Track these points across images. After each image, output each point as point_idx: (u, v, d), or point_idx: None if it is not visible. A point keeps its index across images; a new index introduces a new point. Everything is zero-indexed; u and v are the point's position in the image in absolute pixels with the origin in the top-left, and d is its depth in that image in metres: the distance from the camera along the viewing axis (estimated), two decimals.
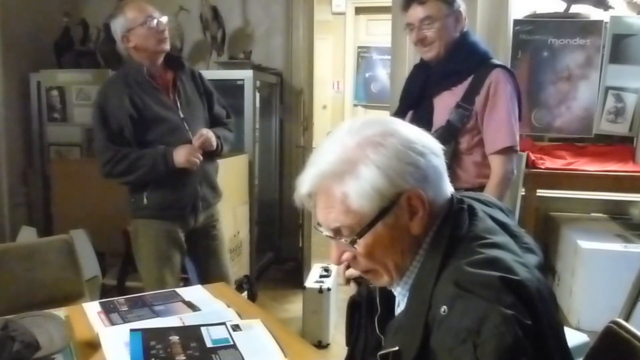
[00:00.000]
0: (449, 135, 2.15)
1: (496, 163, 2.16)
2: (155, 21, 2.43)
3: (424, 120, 2.22)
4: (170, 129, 2.48)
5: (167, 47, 2.50)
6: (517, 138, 2.19)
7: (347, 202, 1.02)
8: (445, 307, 0.95)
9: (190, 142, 2.46)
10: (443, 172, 1.09)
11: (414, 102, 2.33)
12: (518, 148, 2.22)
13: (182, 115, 2.51)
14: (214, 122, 2.65)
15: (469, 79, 2.17)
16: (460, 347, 0.91)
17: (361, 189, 1.01)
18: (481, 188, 2.16)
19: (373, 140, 1.03)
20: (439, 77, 2.23)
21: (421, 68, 2.35)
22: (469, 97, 2.15)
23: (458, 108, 2.16)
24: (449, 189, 1.10)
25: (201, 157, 2.45)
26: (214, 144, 2.51)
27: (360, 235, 1.04)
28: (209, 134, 2.49)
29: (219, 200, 2.71)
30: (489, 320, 0.90)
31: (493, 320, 0.90)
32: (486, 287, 0.93)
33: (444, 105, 2.20)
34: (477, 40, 2.27)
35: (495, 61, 2.24)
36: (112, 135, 2.45)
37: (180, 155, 2.42)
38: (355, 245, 1.06)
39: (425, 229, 1.06)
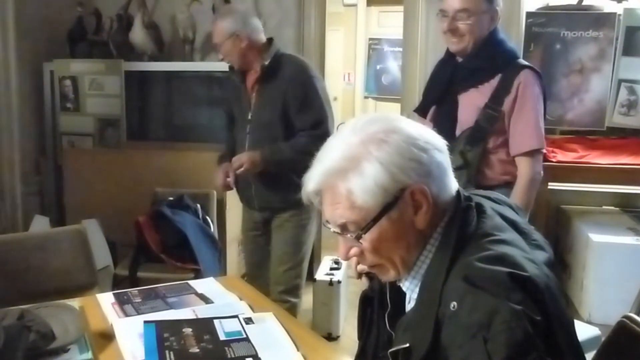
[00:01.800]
0: (478, 137, 2.15)
1: (523, 165, 2.15)
2: (219, 53, 2.64)
3: (448, 116, 2.21)
4: (238, 129, 2.73)
5: (232, 65, 2.65)
6: (544, 140, 2.18)
7: (352, 198, 1.05)
8: (454, 303, 0.97)
9: (244, 146, 2.63)
10: (447, 167, 1.10)
11: (438, 98, 2.31)
12: (545, 150, 2.21)
13: (250, 117, 2.63)
14: (293, 130, 2.59)
15: (497, 78, 2.15)
16: (471, 342, 0.93)
17: (365, 185, 1.03)
18: (507, 185, 2.17)
19: (376, 137, 1.05)
20: (466, 73, 2.21)
21: (446, 64, 2.32)
22: (497, 98, 2.13)
23: (486, 109, 2.14)
24: (454, 184, 1.12)
25: (233, 179, 2.60)
26: (248, 173, 2.56)
27: (366, 230, 1.06)
28: (240, 161, 2.54)
29: (280, 208, 2.70)
30: (499, 316, 0.91)
31: (503, 316, 0.91)
32: (495, 282, 0.95)
33: (470, 102, 2.18)
34: (504, 38, 2.25)
35: (523, 61, 2.23)
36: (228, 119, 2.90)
37: (216, 177, 2.68)
38: (361, 240, 1.08)
39: (432, 224, 1.08)
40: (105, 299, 1.80)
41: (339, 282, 3.23)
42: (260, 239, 2.82)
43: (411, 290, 1.13)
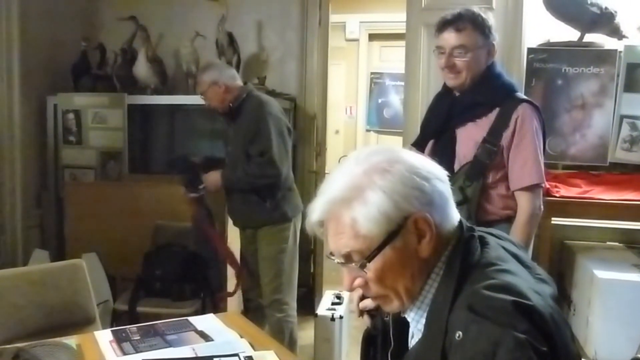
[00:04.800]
0: (477, 172, 2.13)
1: (523, 200, 2.13)
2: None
3: (446, 151, 2.19)
4: None
5: (220, 111, 3.10)
6: (543, 175, 2.16)
7: (356, 227, 1.05)
8: (460, 332, 0.97)
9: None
10: (449, 197, 1.11)
11: (436, 133, 2.30)
12: (544, 185, 2.20)
13: (228, 149, 3.12)
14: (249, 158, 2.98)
15: (494, 112, 2.14)
16: None
17: (369, 213, 1.04)
18: (508, 219, 2.15)
19: (379, 167, 1.06)
20: (464, 107, 2.20)
21: (444, 98, 2.31)
22: (495, 132, 2.12)
23: (485, 143, 2.13)
24: (456, 215, 1.13)
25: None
26: (210, 190, 3.08)
27: (370, 259, 1.06)
28: (205, 180, 3.07)
29: (258, 226, 3.10)
30: (503, 345, 0.91)
31: (507, 345, 0.91)
32: (500, 311, 0.94)
33: (468, 137, 2.18)
34: (501, 71, 2.25)
35: (521, 95, 2.22)
36: None
37: None
38: (365, 270, 1.07)
39: (435, 253, 1.08)
40: (103, 337, 1.78)
41: (340, 317, 3.19)
42: (252, 255, 3.15)
43: (416, 321, 1.12)
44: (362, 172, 1.06)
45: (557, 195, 3.51)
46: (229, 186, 3.05)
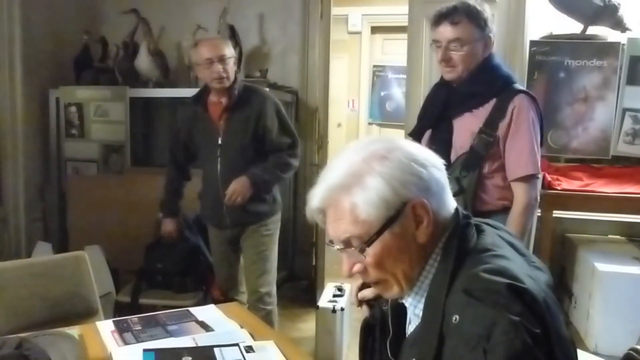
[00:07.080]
0: (473, 162, 2.13)
1: (519, 190, 2.13)
2: (215, 65, 2.73)
3: (443, 141, 2.19)
4: (205, 155, 2.90)
5: (222, 84, 2.77)
6: (539, 165, 2.16)
7: (356, 212, 1.07)
8: (456, 316, 0.99)
9: (215, 168, 2.84)
10: (445, 185, 1.13)
11: (433, 122, 2.30)
12: (540, 175, 2.21)
13: (220, 142, 2.83)
14: (262, 151, 2.84)
15: (491, 103, 2.14)
16: (471, 354, 0.95)
17: (368, 198, 1.06)
18: (505, 210, 2.15)
19: (378, 154, 1.08)
20: (461, 98, 2.20)
21: (441, 88, 2.30)
22: (492, 123, 2.12)
23: (481, 134, 2.13)
24: (452, 202, 1.15)
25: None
26: (243, 201, 2.77)
27: (369, 243, 1.08)
28: (235, 194, 2.76)
29: (250, 222, 2.94)
30: (498, 327, 0.93)
31: (502, 327, 0.93)
32: (494, 294, 0.97)
33: (465, 127, 2.18)
34: (500, 63, 2.24)
35: (518, 86, 2.22)
36: (174, 150, 3.07)
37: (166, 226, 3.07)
38: (364, 254, 1.09)
39: (433, 239, 1.10)
40: (105, 327, 1.78)
41: (342, 309, 3.19)
42: (232, 255, 3.03)
43: (413, 306, 1.14)
44: (361, 160, 1.08)
45: (559, 188, 3.52)
46: (259, 184, 2.82)
